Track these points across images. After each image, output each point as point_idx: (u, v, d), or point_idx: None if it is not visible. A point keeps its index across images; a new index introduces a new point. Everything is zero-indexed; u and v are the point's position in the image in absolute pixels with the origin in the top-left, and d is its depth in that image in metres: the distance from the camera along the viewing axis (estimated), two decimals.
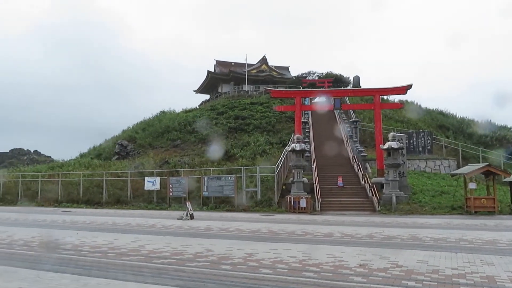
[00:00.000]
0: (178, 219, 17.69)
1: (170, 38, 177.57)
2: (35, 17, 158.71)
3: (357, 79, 54.91)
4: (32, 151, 59.87)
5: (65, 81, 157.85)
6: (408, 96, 46.62)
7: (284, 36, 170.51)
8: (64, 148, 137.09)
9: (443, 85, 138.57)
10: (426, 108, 45.10)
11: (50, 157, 55.72)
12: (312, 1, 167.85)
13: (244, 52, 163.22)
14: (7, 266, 8.08)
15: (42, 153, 60.17)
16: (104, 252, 9.63)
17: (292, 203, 21.22)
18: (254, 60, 64.21)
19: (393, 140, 22.31)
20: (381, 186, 22.84)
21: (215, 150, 31.63)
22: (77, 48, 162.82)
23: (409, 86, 25.71)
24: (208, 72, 61.71)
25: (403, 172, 22.97)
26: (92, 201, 26.97)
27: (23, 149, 60.05)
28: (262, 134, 36.59)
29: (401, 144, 22.73)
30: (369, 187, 22.42)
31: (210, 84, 63.14)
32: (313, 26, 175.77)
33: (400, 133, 27.16)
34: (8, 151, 58.60)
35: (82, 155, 41.54)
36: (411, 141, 30.79)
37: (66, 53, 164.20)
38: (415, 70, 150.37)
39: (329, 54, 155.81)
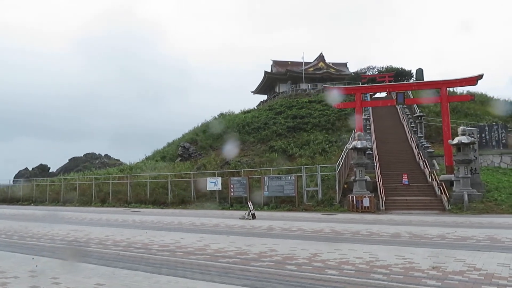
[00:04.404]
0: (240, 218, 17.93)
1: (222, 43, 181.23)
2: (77, 32, 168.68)
3: (420, 72, 52.49)
4: (103, 155, 63.73)
5: (113, 91, 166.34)
6: (478, 88, 43.88)
7: (340, 32, 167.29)
8: (130, 152, 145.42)
9: None
10: (499, 99, 42.02)
11: (119, 160, 59.03)
12: None
13: (301, 51, 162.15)
14: (86, 263, 8.64)
15: (112, 156, 63.91)
16: (172, 251, 9.98)
17: (354, 202, 20.69)
18: (311, 58, 63.67)
19: (463, 134, 21.00)
20: (450, 183, 21.59)
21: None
22: (122, 59, 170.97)
23: (480, 77, 24.04)
24: (265, 72, 62.08)
25: (475, 168, 21.51)
26: (158, 201, 28.16)
27: (95, 153, 64.13)
28: (321, 132, 36.11)
29: (472, 138, 21.30)
30: (437, 185, 21.25)
31: (267, 84, 63.50)
32: (369, 20, 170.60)
33: (471, 126, 25.47)
34: (82, 155, 62.87)
35: (147, 158, 43.60)
36: (483, 135, 28.81)
37: (110, 65, 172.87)
38: (483, 60, 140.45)
39: (388, 48, 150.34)
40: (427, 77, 50.56)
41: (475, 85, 24.86)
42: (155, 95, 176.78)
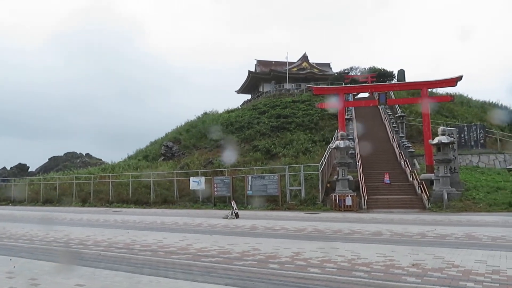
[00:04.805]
0: (223, 218, 17.90)
1: (206, 42, 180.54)
2: (53, 28, 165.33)
3: (402, 73, 53.23)
4: (84, 154, 62.66)
5: (89, 88, 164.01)
6: (458, 89, 44.82)
7: (324, 32, 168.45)
8: (112, 151, 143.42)
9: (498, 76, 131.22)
10: (478, 100, 43.00)
11: (101, 159, 58.16)
12: None
13: (285, 51, 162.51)
14: (66, 264, 8.49)
15: (93, 155, 62.89)
16: (154, 251, 9.89)
17: (337, 201, 20.87)
18: (294, 58, 63.93)
19: (443, 134, 21.38)
20: (430, 182, 21.96)
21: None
22: (102, 57, 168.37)
23: (459, 78, 24.50)
24: (249, 72, 62.07)
25: (454, 167, 21.94)
26: (140, 201, 27.84)
27: (76, 152, 62.96)
28: (305, 132, 36.30)
29: (452, 138, 21.71)
30: (418, 184, 21.60)
31: (251, 84, 63.49)
32: (352, 21, 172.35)
33: (450, 127, 25.98)
34: (62, 154, 61.67)
35: (130, 157, 43.08)
36: (462, 135, 29.41)
37: (90, 63, 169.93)
38: (464, 62, 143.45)
39: (371, 48, 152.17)
40: (411, 78, 51.41)
41: (454, 86, 25.32)
42: (137, 94, 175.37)
